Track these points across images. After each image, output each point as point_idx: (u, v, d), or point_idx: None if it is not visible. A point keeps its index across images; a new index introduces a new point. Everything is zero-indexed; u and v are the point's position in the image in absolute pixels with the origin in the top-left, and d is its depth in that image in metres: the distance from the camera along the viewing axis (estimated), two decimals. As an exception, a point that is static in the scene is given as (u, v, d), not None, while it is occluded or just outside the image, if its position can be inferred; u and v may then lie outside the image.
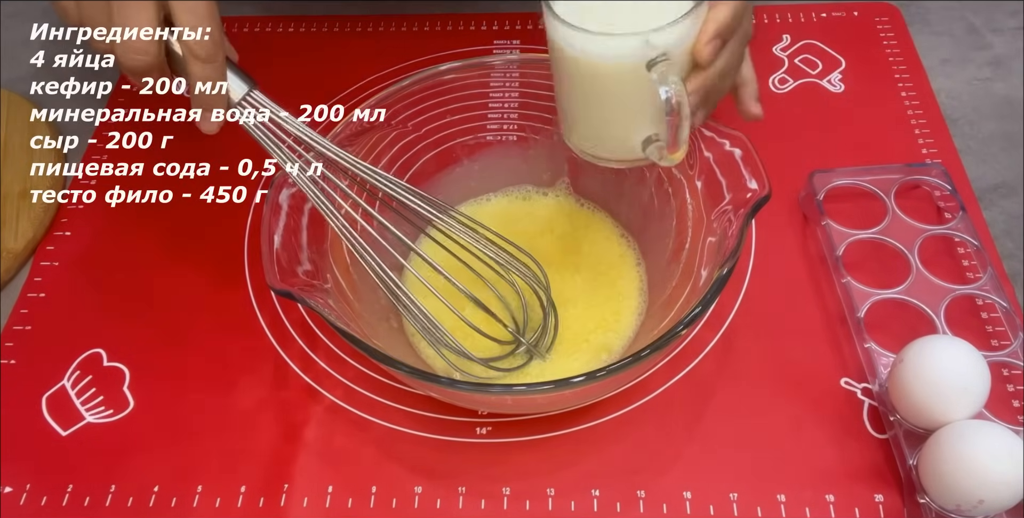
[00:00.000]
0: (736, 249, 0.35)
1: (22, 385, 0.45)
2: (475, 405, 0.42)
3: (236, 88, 0.37)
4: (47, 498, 0.41)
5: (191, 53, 0.35)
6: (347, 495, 0.41)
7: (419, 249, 0.40)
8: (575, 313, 0.44)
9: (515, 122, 0.48)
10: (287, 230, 0.38)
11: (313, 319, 0.47)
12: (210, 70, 0.36)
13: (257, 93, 0.38)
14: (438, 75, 0.44)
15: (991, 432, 0.36)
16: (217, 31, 0.35)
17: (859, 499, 0.39)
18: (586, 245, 0.47)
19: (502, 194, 0.50)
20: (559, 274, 0.45)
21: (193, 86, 0.36)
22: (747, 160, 0.38)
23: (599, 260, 0.46)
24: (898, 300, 0.43)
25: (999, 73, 0.56)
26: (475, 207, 0.49)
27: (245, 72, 0.38)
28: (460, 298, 0.39)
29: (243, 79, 0.37)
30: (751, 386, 0.43)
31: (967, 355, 0.38)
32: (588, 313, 0.44)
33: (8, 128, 0.56)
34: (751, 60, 0.41)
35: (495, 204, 0.50)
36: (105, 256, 0.51)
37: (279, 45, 0.62)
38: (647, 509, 0.40)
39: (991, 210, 0.49)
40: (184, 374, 0.45)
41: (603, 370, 0.33)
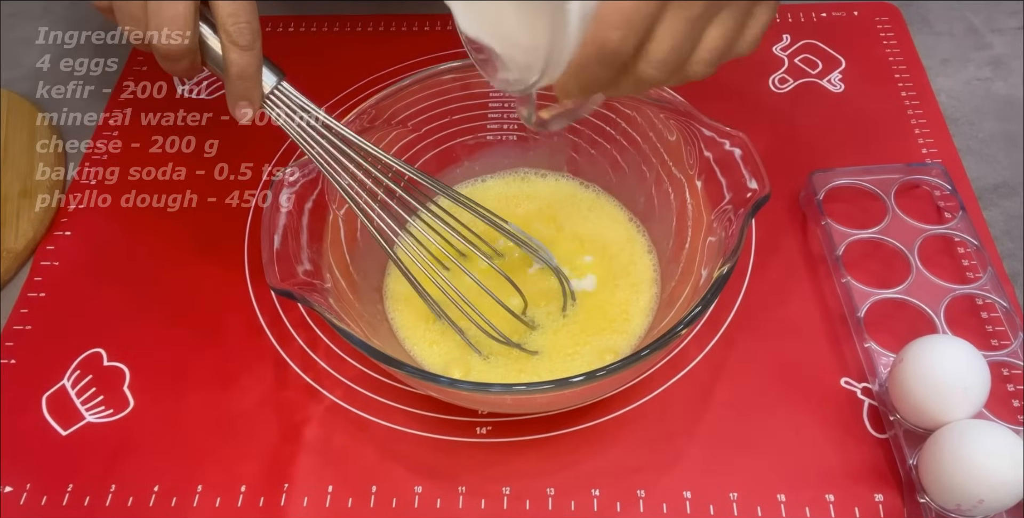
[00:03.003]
0: (736, 249, 0.35)
1: (22, 385, 0.45)
2: (475, 405, 0.42)
3: (267, 79, 0.37)
4: (47, 498, 0.41)
5: (231, 41, 0.35)
6: (347, 495, 0.41)
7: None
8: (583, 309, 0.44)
9: (515, 122, 0.48)
10: (287, 230, 0.38)
11: (313, 319, 0.47)
12: (249, 58, 0.36)
13: (285, 84, 0.38)
14: (438, 75, 0.44)
15: (991, 432, 0.36)
16: (256, 19, 0.35)
17: (859, 499, 0.39)
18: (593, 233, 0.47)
19: (498, 177, 0.50)
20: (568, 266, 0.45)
21: (233, 74, 0.36)
22: (747, 160, 0.38)
23: (608, 246, 0.46)
24: (898, 300, 0.43)
25: (999, 73, 0.56)
26: (471, 188, 0.49)
27: (273, 63, 0.38)
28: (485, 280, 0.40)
29: (272, 70, 0.38)
30: (751, 386, 0.43)
31: (967, 355, 0.38)
32: (597, 310, 0.44)
33: (8, 128, 0.56)
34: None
35: (490, 186, 0.49)
36: (105, 256, 0.51)
37: (279, 45, 0.61)
38: (647, 509, 0.40)
39: (991, 210, 0.49)
40: (184, 374, 0.45)
41: (603, 370, 0.33)
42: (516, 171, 0.50)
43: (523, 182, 0.49)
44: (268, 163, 0.53)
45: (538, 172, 0.50)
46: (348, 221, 0.43)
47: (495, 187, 0.49)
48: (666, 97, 0.41)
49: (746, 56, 0.32)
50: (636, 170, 0.45)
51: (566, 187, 0.49)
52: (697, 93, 0.42)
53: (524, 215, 0.48)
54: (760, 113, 0.55)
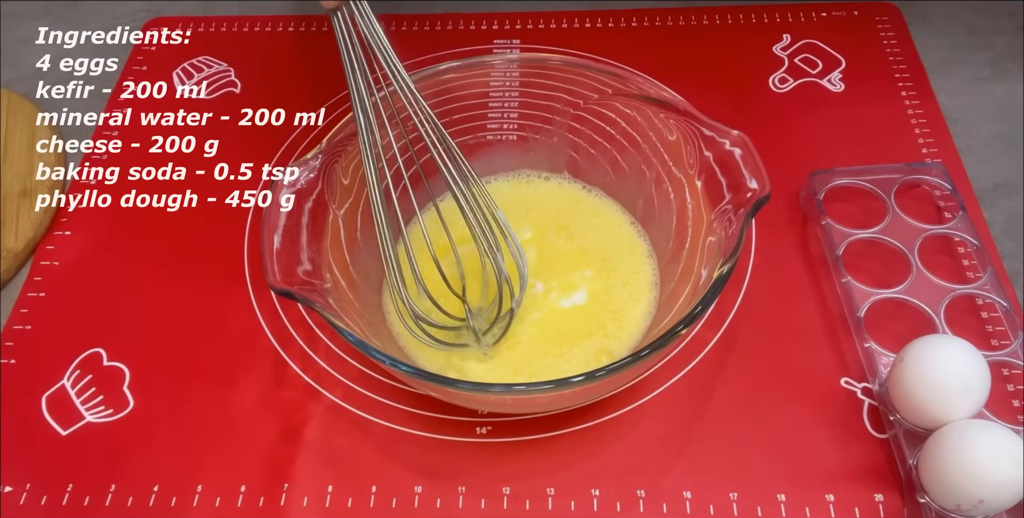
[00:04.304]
0: (736, 249, 0.35)
1: (22, 385, 0.45)
2: (475, 405, 0.42)
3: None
4: (47, 498, 0.41)
5: None
6: (347, 495, 0.41)
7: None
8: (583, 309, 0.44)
9: (515, 122, 0.48)
10: (287, 230, 0.38)
11: (313, 319, 0.47)
12: None
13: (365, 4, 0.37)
14: (438, 75, 0.44)
15: (991, 432, 0.36)
16: None
17: (859, 499, 0.39)
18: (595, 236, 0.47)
19: (501, 179, 0.49)
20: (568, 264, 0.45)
21: None
22: (747, 160, 0.38)
23: (609, 252, 0.46)
24: (898, 300, 0.43)
25: (999, 73, 0.56)
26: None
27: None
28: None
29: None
30: (751, 386, 0.43)
31: (967, 355, 0.38)
32: (596, 311, 0.44)
33: (8, 128, 0.56)
34: None
35: (495, 188, 0.49)
36: (105, 256, 0.51)
37: (279, 45, 0.62)
38: (647, 509, 0.40)
39: (991, 210, 0.49)
40: (184, 374, 0.45)
41: (603, 370, 0.33)
42: (518, 173, 0.50)
43: (528, 185, 0.49)
44: (268, 163, 0.53)
45: (540, 175, 0.50)
46: (348, 221, 0.42)
47: (500, 190, 0.49)
48: (666, 97, 0.41)
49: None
50: (636, 170, 0.45)
51: (571, 191, 0.49)
52: (697, 93, 0.42)
53: (537, 223, 0.47)
54: (760, 113, 0.55)
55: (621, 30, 0.61)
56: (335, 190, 0.41)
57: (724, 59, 0.58)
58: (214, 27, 0.63)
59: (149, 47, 0.62)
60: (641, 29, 0.61)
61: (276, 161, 0.53)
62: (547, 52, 0.55)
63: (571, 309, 0.44)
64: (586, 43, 0.59)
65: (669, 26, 0.61)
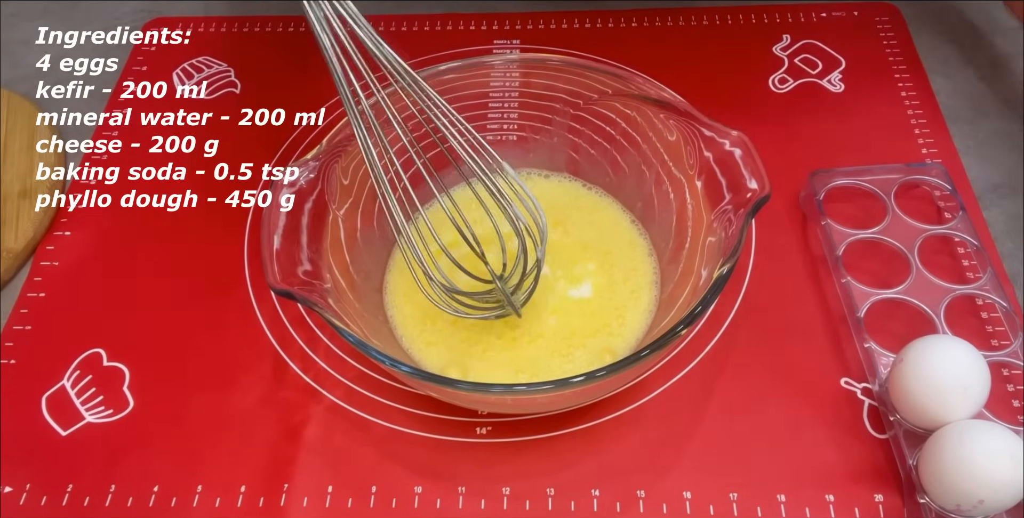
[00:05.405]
0: (736, 249, 0.35)
1: (22, 385, 0.45)
2: (475, 405, 0.42)
3: None
4: (47, 498, 0.41)
5: None
6: (347, 495, 0.41)
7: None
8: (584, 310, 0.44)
9: (515, 122, 0.48)
10: (287, 230, 0.38)
11: (313, 319, 0.47)
12: None
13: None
14: (438, 75, 0.44)
15: (991, 432, 0.36)
16: None
17: (859, 499, 0.39)
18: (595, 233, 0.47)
19: None
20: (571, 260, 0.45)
21: None
22: (747, 160, 0.38)
23: (610, 250, 0.46)
24: (898, 300, 0.43)
25: (999, 73, 0.56)
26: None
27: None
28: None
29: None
30: (751, 386, 0.43)
31: (967, 355, 0.38)
32: (597, 313, 0.44)
33: (8, 128, 0.56)
34: None
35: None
36: (105, 256, 0.51)
37: (279, 45, 0.62)
38: (647, 509, 0.40)
39: (991, 210, 0.49)
40: (184, 374, 0.45)
41: (603, 370, 0.33)
42: (518, 172, 0.50)
43: (527, 182, 0.49)
44: (268, 163, 0.53)
45: (540, 173, 0.50)
46: (348, 221, 0.43)
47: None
48: (666, 97, 0.41)
49: None
50: (636, 170, 0.45)
51: (570, 188, 0.49)
52: (697, 93, 0.42)
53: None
54: (760, 113, 0.55)
55: (621, 30, 0.61)
56: (335, 190, 0.41)
57: (724, 59, 0.58)
58: (214, 27, 0.63)
59: (149, 47, 0.62)
60: (641, 29, 0.61)
61: (276, 161, 0.53)
62: (547, 52, 0.55)
63: (579, 302, 0.44)
64: (586, 43, 0.59)
65: (669, 26, 0.61)
